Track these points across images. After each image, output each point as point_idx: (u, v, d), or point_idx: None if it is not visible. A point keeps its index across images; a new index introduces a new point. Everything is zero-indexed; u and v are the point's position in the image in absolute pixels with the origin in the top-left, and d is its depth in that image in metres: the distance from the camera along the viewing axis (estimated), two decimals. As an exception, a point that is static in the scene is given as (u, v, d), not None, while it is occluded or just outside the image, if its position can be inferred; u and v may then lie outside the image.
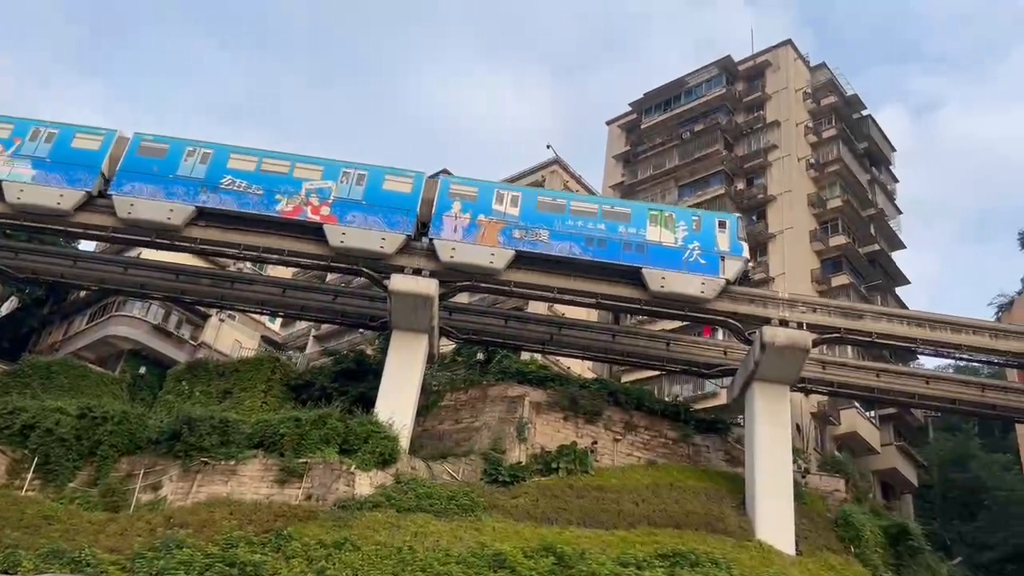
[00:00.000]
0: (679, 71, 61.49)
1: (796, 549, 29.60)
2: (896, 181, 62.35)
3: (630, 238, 33.47)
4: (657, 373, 41.70)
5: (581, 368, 44.63)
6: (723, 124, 56.66)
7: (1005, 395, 36.53)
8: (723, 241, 33.65)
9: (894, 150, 62.75)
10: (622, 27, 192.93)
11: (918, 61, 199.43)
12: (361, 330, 45.93)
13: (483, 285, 34.33)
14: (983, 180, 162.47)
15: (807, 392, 37.41)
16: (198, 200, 33.27)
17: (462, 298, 38.62)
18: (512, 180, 50.55)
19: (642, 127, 61.57)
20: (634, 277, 33.12)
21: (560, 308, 40.48)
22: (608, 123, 65.75)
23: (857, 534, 32.77)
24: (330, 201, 33.45)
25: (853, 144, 57.16)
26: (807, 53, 60.97)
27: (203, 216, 33.47)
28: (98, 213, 33.76)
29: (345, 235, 32.86)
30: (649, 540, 26.80)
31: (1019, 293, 41.95)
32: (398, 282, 32.06)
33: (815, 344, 32.67)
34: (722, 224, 34.22)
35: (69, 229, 34.26)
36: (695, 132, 57.62)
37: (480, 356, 38.63)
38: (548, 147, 70.69)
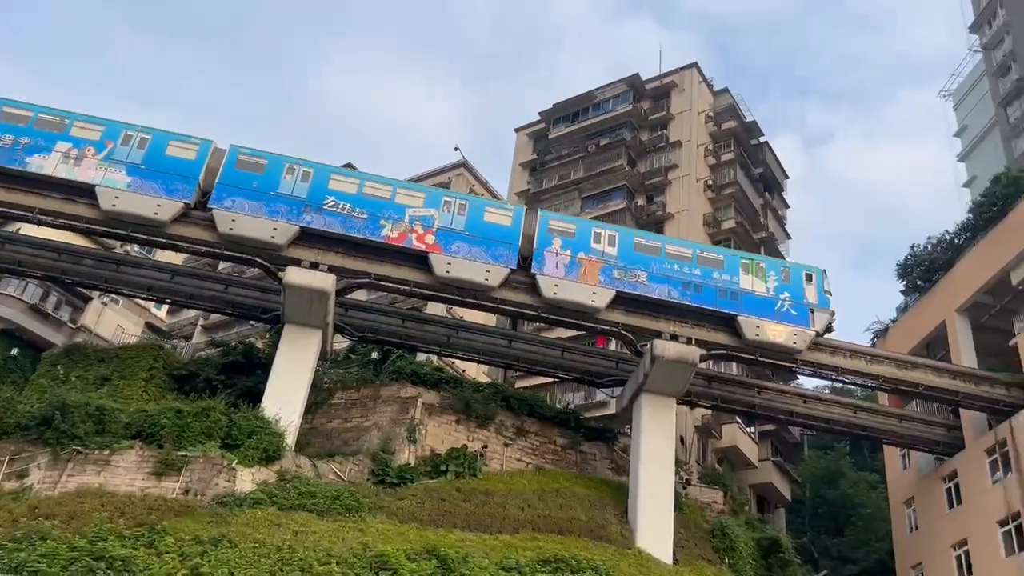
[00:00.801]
0: (588, 85, 62.16)
1: (673, 558, 30.34)
2: (787, 207, 64.91)
3: (725, 285, 34.08)
4: (551, 380, 42.13)
5: (476, 372, 44.70)
6: (628, 140, 57.84)
7: (875, 417, 38.46)
8: (811, 293, 34.28)
9: (787, 177, 65.35)
10: (536, 39, 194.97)
11: (813, 96, 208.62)
12: (252, 322, 44.74)
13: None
14: (867, 212, 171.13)
15: (692, 405, 38.45)
16: (302, 220, 32.33)
17: (359, 295, 38.09)
18: (418, 180, 50.24)
19: (550, 137, 62.25)
20: (728, 323, 33.68)
21: (458, 311, 40.45)
22: (517, 130, 66.18)
23: (732, 545, 33.92)
24: (434, 230, 33.10)
25: (749, 169, 59.20)
26: (711, 77, 62.90)
27: (305, 236, 32.43)
28: (193, 225, 32.29)
29: (451, 265, 32.56)
30: (532, 545, 26.98)
31: (894, 321, 44.21)
32: (293, 275, 31.36)
33: (702, 359, 33.61)
34: (809, 276, 34.79)
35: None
36: (601, 146, 58.62)
37: (375, 355, 38.20)
38: (456, 149, 71.00)
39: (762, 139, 61.82)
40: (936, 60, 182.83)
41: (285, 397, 30.64)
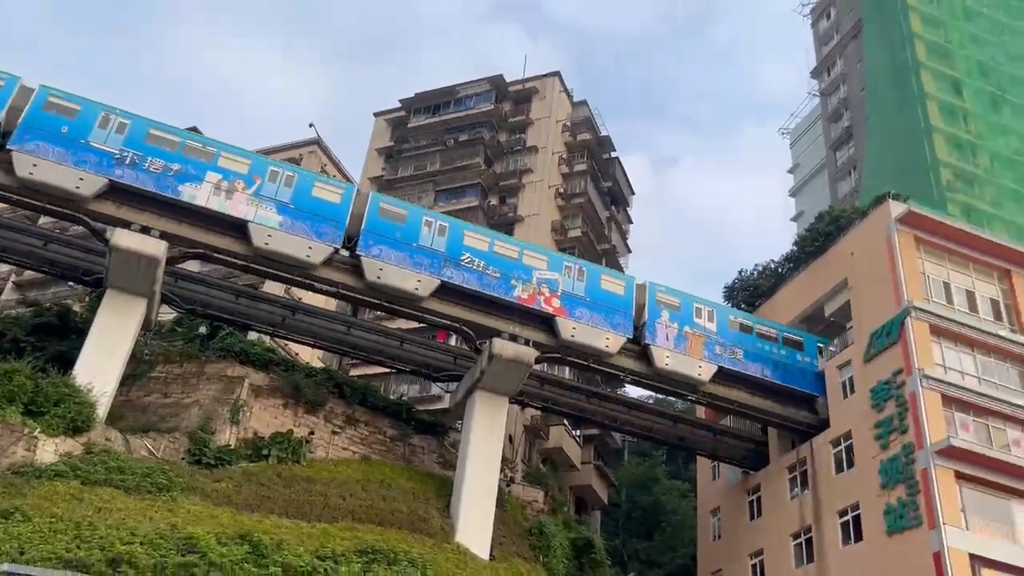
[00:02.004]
0: (451, 82, 62.05)
1: (491, 554, 30.79)
2: (631, 222, 67.24)
3: (806, 367, 37.33)
4: (387, 371, 41.73)
5: (310, 356, 43.67)
6: (486, 139, 58.22)
7: (692, 429, 40.53)
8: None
9: (633, 193, 67.69)
10: (405, 30, 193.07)
11: (665, 120, 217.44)
12: (72, 284, 41.85)
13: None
14: (703, 235, 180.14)
15: (524, 405, 39.14)
16: (443, 274, 33.16)
17: (192, 266, 36.37)
18: (268, 153, 48.48)
19: (409, 126, 61.75)
20: (809, 403, 36.84)
21: (297, 292, 39.36)
22: (376, 115, 65.21)
23: (548, 544, 34.81)
24: (559, 293, 34.47)
25: (599, 181, 60.89)
26: (572, 88, 64.27)
27: (443, 289, 33.02)
28: (338, 270, 32.62)
29: (576, 331, 34.25)
30: (351, 535, 26.69)
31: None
32: (122, 238, 29.54)
33: (538, 361, 34.30)
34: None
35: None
36: (459, 141, 58.70)
37: (203, 330, 36.57)
38: (311, 126, 69.26)
39: (613, 154, 63.70)
40: (782, 99, 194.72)
41: (100, 366, 28.86)
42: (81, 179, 29.93)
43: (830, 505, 33.64)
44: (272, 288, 39.73)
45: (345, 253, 32.75)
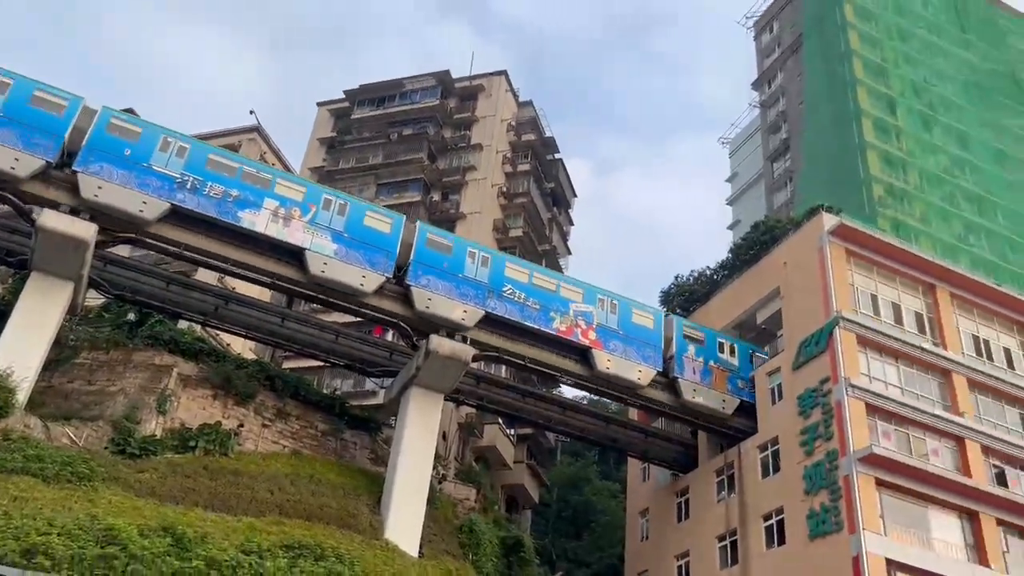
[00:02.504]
0: (397, 76, 61.65)
1: (420, 551, 30.65)
2: (572, 224, 67.67)
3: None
4: (321, 364, 41.22)
5: (242, 347, 42.86)
6: (431, 135, 57.97)
7: (625, 431, 40.97)
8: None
9: (575, 196, 68.13)
10: (355, 21, 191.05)
11: (608, 125, 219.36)
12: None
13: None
14: (642, 239, 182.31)
15: (459, 403, 39.05)
16: (487, 305, 34.24)
17: (123, 250, 35.37)
18: (206, 138, 47.35)
19: (352, 117, 61.16)
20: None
21: (231, 281, 38.62)
22: (319, 105, 64.39)
23: (478, 542, 34.80)
24: (594, 326, 35.81)
25: (542, 182, 61.15)
26: (518, 88, 64.43)
27: (487, 320, 34.12)
28: (388, 299, 33.41)
29: (611, 363, 35.47)
30: (277, 530, 26.28)
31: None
32: (49, 219, 28.61)
33: (475, 359, 34.24)
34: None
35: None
36: (403, 135, 58.34)
37: (131, 316, 35.60)
38: (251, 113, 68.04)
39: (557, 156, 64.03)
40: (723, 108, 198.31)
41: (21, 350, 27.88)
42: (144, 203, 30.23)
43: (756, 509, 34.33)
44: (204, 276, 38.90)
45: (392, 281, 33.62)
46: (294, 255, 32.18)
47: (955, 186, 50.28)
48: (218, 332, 39.11)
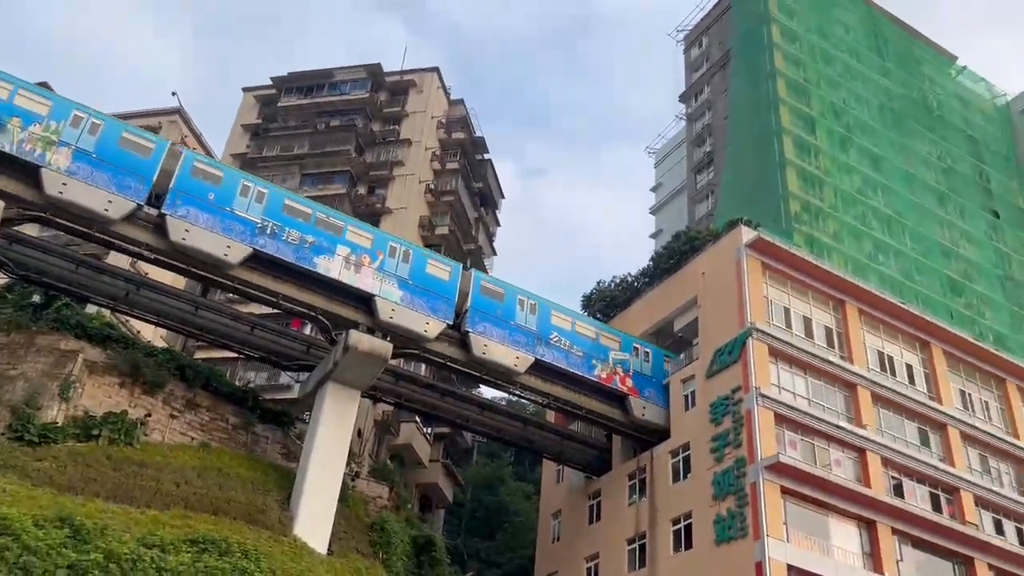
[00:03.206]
0: (325, 65, 60.87)
1: (329, 548, 30.24)
2: (498, 225, 67.81)
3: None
4: (235, 356, 40.29)
5: (153, 334, 41.61)
6: (359, 127, 57.31)
7: (542, 432, 41.21)
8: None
9: (503, 197, 68.29)
10: (285, 9, 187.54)
11: (537, 130, 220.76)
12: None
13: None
14: (566, 244, 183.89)
15: (376, 400, 38.69)
16: (537, 352, 36.12)
17: (30, 229, 33.93)
18: (126, 118, 45.79)
19: (279, 105, 60.05)
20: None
21: (144, 266, 37.41)
22: (245, 90, 63.01)
23: (388, 540, 34.53)
24: (631, 374, 38.22)
25: (470, 182, 61.09)
26: (450, 86, 64.22)
27: (536, 366, 36.13)
28: (447, 343, 34.97)
29: (646, 409, 37.88)
30: (182, 523, 25.61)
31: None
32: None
33: (395, 356, 33.98)
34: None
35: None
36: (331, 126, 57.56)
37: (36, 298, 34.17)
38: (173, 95, 66.23)
39: (486, 156, 64.07)
40: (651, 119, 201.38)
41: (-86, 329, 26.50)
42: (228, 247, 31.27)
43: (665, 513, 34.93)
44: (116, 260, 37.59)
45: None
46: (363, 300, 33.61)
47: (867, 206, 52.05)
48: (128, 318, 37.86)
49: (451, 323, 34.82)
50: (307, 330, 40.38)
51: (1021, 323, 54.81)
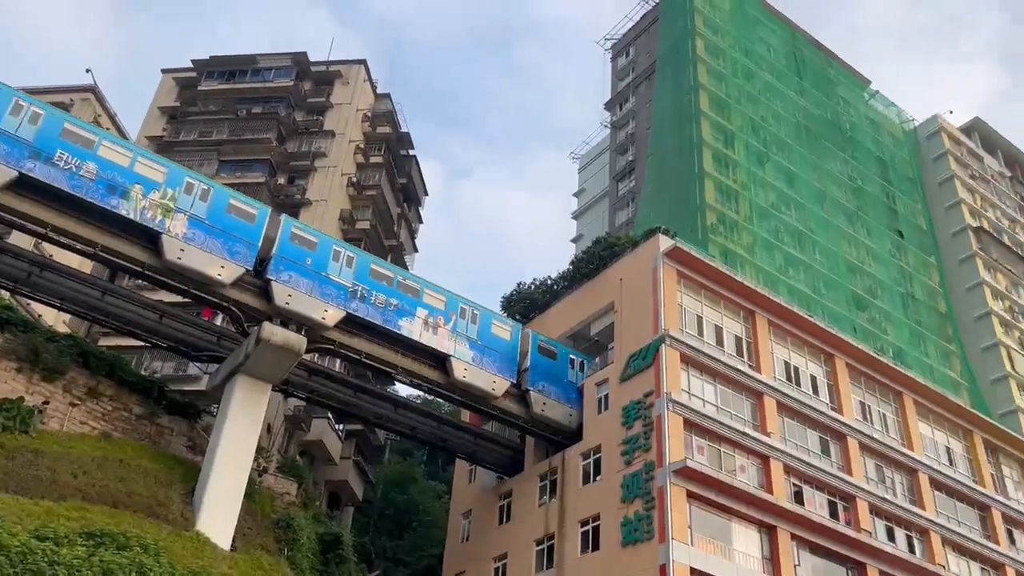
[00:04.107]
0: (248, 51, 59.50)
1: (232, 545, 29.58)
2: (421, 222, 67.49)
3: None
4: (142, 344, 39.02)
5: (55, 319, 40.00)
6: (282, 116, 56.26)
7: (456, 432, 41.15)
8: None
9: (427, 195, 68.00)
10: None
11: (462, 131, 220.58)
12: None
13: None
14: (488, 245, 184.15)
15: (288, 394, 38.03)
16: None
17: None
18: (36, 93, 43.89)
19: (199, 88, 58.45)
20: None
21: (49, 248, 35.93)
22: (164, 72, 61.14)
23: (295, 538, 33.95)
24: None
25: (394, 177, 60.60)
26: (377, 80, 63.60)
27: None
28: (512, 400, 37.60)
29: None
30: (78, 516, 24.70)
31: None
32: None
33: (309, 350, 33.44)
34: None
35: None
36: (252, 113, 56.35)
37: (-71, 277, 32.46)
38: (88, 71, 63.79)
39: (411, 152, 63.69)
40: (576, 124, 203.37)
41: None
42: (326, 311, 33.17)
43: (574, 514, 35.27)
44: (18, 240, 35.96)
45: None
46: (438, 360, 36.09)
47: (780, 221, 53.70)
48: (29, 302, 36.29)
49: (513, 381, 37.64)
50: (218, 320, 39.45)
51: (919, 339, 57.43)
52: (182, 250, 30.97)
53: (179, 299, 35.56)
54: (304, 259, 33.50)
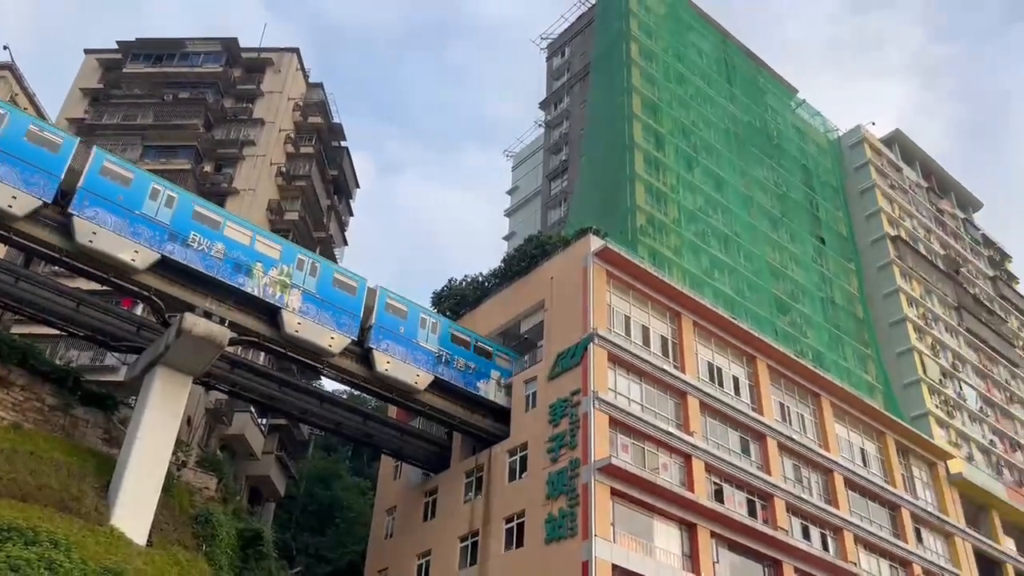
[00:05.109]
0: (174, 35, 57.85)
1: (148, 540, 28.80)
2: (351, 215, 66.69)
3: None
4: (58, 333, 37.62)
5: (-37, 305, 38.20)
6: (210, 102, 54.87)
7: (382, 428, 40.82)
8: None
9: (358, 187, 67.22)
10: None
11: (395, 125, 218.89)
12: None
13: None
14: (419, 241, 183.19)
15: (209, 387, 37.13)
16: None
17: None
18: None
19: (124, 71, 56.59)
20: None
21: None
22: (87, 52, 59.00)
23: (213, 533, 33.21)
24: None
25: (325, 169, 59.71)
26: (310, 69, 62.55)
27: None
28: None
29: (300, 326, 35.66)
30: (-16, 510, 23.68)
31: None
32: None
33: (232, 343, 32.75)
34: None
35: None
36: (179, 98, 54.82)
37: None
38: (4, 48, 61.04)
39: (343, 143, 62.87)
40: (511, 122, 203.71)
41: None
42: (418, 376, 36.65)
43: (499, 511, 35.38)
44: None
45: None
46: (503, 415, 38.92)
47: (707, 224, 54.68)
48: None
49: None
50: (139, 310, 38.33)
51: (838, 343, 59.18)
52: (299, 323, 33.75)
53: (97, 287, 34.35)
54: (398, 327, 36.97)
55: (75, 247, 30.34)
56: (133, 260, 30.82)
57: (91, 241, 30.25)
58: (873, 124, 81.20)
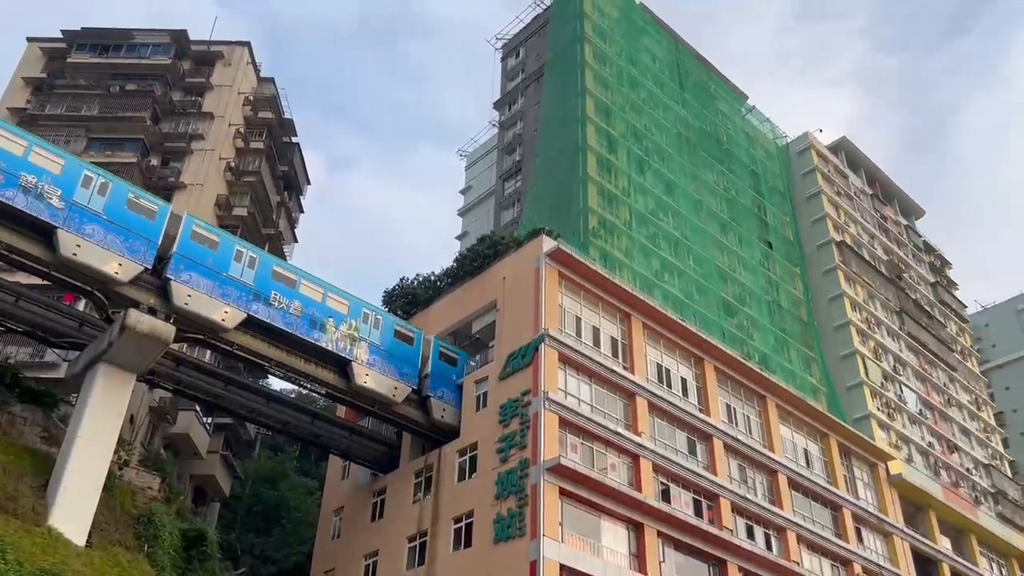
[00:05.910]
0: (121, 26, 56.62)
1: (88, 541, 28.15)
2: (302, 212, 65.99)
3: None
4: (-6, 328, 36.58)
5: None
6: (157, 95, 53.87)
7: (330, 428, 40.43)
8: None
9: (309, 184, 66.55)
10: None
11: (346, 123, 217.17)
12: None
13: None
14: (371, 239, 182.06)
15: (153, 385, 36.48)
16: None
17: None
18: None
19: (68, 60, 55.25)
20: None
21: None
22: (30, 40, 57.46)
23: (156, 534, 32.62)
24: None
25: (275, 164, 59.00)
26: (261, 64, 61.74)
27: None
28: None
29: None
30: (-86, 511, 22.91)
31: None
32: None
33: (177, 340, 32.17)
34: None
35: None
36: (125, 90, 53.73)
37: None
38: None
39: (294, 139, 62.20)
40: (464, 122, 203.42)
41: None
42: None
43: (448, 511, 35.30)
44: None
45: None
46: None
47: (658, 227, 55.20)
48: None
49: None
50: (81, 305, 37.44)
51: (783, 346, 60.21)
52: (367, 375, 36.20)
53: (38, 281, 33.48)
54: (451, 375, 39.25)
55: (171, 308, 31.80)
56: (223, 320, 32.72)
57: (187, 304, 31.95)
58: (820, 131, 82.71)
